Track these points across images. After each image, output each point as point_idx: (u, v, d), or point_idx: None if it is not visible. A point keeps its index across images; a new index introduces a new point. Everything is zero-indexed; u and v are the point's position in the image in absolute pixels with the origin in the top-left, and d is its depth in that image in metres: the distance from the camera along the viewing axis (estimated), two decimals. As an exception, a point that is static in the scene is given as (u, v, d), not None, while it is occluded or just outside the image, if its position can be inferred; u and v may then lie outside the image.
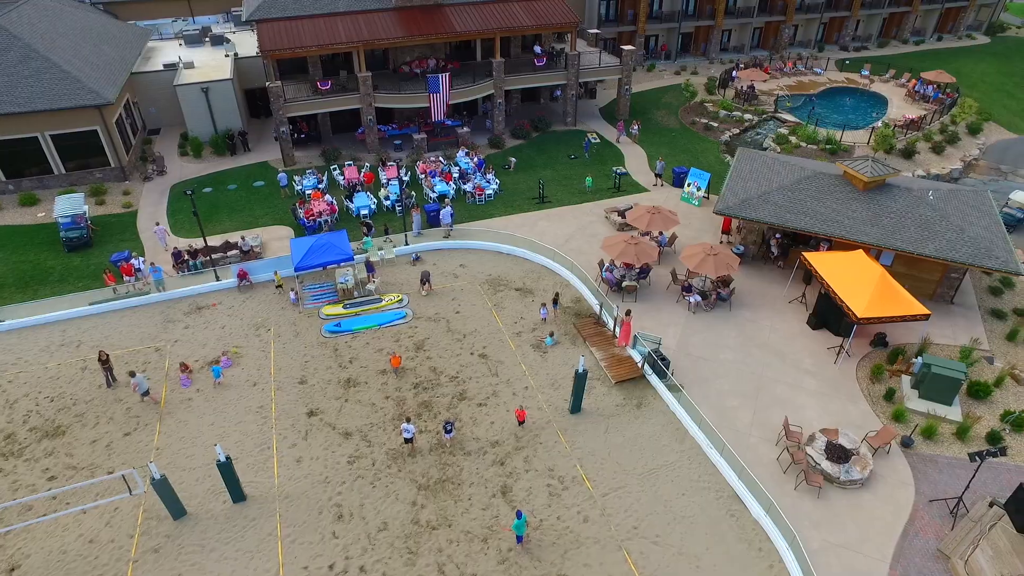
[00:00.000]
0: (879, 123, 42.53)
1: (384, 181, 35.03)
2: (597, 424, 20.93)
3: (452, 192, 34.19)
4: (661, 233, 29.68)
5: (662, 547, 17.23)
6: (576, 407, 21.16)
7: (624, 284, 26.25)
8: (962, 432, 20.71)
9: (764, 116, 45.12)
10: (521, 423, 20.00)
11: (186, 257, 28.14)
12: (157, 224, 30.58)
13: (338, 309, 26.06)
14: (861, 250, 25.29)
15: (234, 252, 28.90)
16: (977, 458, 16.98)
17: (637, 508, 18.25)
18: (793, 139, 40.90)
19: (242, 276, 27.19)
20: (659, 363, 22.10)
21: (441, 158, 37.60)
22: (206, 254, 28.40)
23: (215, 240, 30.09)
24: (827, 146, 39.53)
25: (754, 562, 16.90)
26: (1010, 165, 40.84)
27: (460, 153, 38.16)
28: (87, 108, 33.01)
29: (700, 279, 26.97)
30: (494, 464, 19.61)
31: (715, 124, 44.09)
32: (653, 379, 22.40)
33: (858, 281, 23.49)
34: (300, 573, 16.66)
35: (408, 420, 19.39)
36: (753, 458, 19.75)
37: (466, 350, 24.08)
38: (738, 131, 43.76)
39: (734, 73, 50.06)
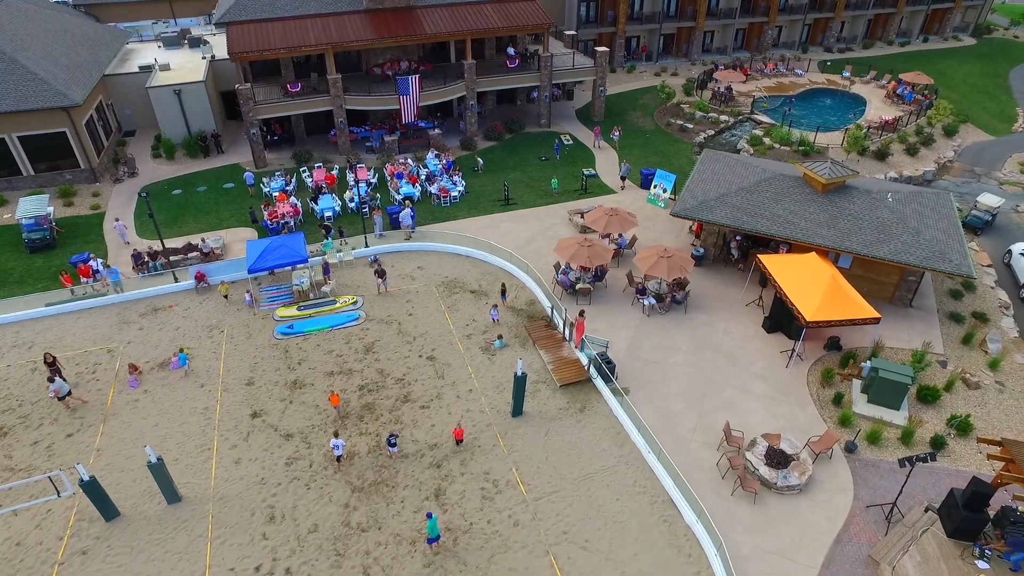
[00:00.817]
0: (853, 125, 42.33)
1: (352, 183, 35.09)
2: (538, 428, 20.89)
3: (417, 194, 34.21)
4: (621, 235, 29.61)
5: (590, 552, 17.18)
6: (517, 410, 21.13)
7: (578, 287, 26.21)
8: (907, 437, 20.60)
9: (740, 118, 44.99)
10: (459, 442, 19.83)
11: (146, 259, 28.24)
12: (117, 220, 30.78)
13: (292, 311, 26.10)
14: (814, 252, 25.22)
15: (195, 254, 28.98)
16: (907, 463, 16.88)
17: (569, 513, 18.19)
18: (767, 140, 40.78)
19: (200, 278, 27.25)
20: (603, 367, 22.03)
21: (410, 160, 37.63)
22: (166, 256, 28.50)
23: (177, 242, 30.20)
24: (800, 148, 39.41)
25: (682, 568, 16.83)
26: (984, 167, 40.60)
27: (430, 155, 38.19)
28: (54, 110, 33.14)
29: (656, 282, 26.91)
30: (430, 467, 19.59)
31: (690, 126, 43.99)
32: (599, 383, 22.33)
33: (809, 284, 23.41)
34: (225, 574, 16.67)
35: (336, 435, 19.25)
36: (693, 463, 19.69)
37: (415, 352, 24.08)
38: (713, 133, 43.64)
39: (714, 75, 49.87)
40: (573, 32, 47.17)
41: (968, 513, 16.73)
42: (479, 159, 37.94)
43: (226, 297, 26.49)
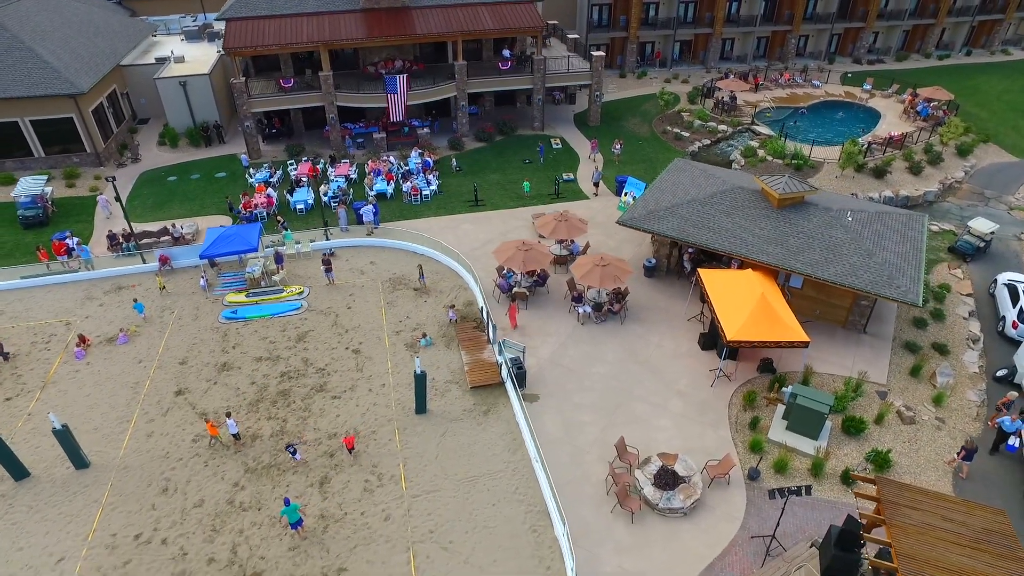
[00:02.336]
0: (848, 140, 40.40)
1: (332, 177, 36.15)
2: (437, 427, 21.14)
3: (390, 191, 34.92)
4: (573, 241, 29.43)
5: (450, 554, 17.33)
6: (420, 408, 21.43)
7: (515, 290, 26.25)
8: (816, 468, 19.77)
9: (739, 128, 43.75)
10: (350, 451, 20.04)
11: (120, 240, 29.98)
12: (101, 194, 32.89)
13: (241, 297, 27.21)
14: (751, 270, 24.46)
15: (166, 238, 30.56)
16: (777, 495, 16.25)
17: (442, 513, 18.38)
18: (761, 152, 39.54)
19: (164, 260, 28.74)
20: (512, 372, 22.03)
21: (392, 158, 38.41)
22: (140, 238, 30.19)
23: (155, 226, 31.91)
24: (793, 161, 38.05)
25: (538, 577, 16.77)
26: (996, 191, 38.08)
27: (414, 153, 38.87)
28: (61, 97, 35.55)
29: (596, 290, 26.65)
30: (323, 455, 20.16)
31: (686, 134, 43.10)
32: (509, 387, 22.36)
33: (740, 301, 22.76)
34: (107, 539, 17.70)
35: (228, 415, 19.89)
36: (583, 476, 19.50)
37: (343, 344, 24.72)
38: (709, 142, 42.63)
39: (716, 84, 48.59)
40: (576, 36, 46.90)
41: (839, 552, 15.95)
42: (453, 160, 38.35)
43: (163, 289, 27.59)
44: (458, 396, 22.37)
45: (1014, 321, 26.46)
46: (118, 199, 28.07)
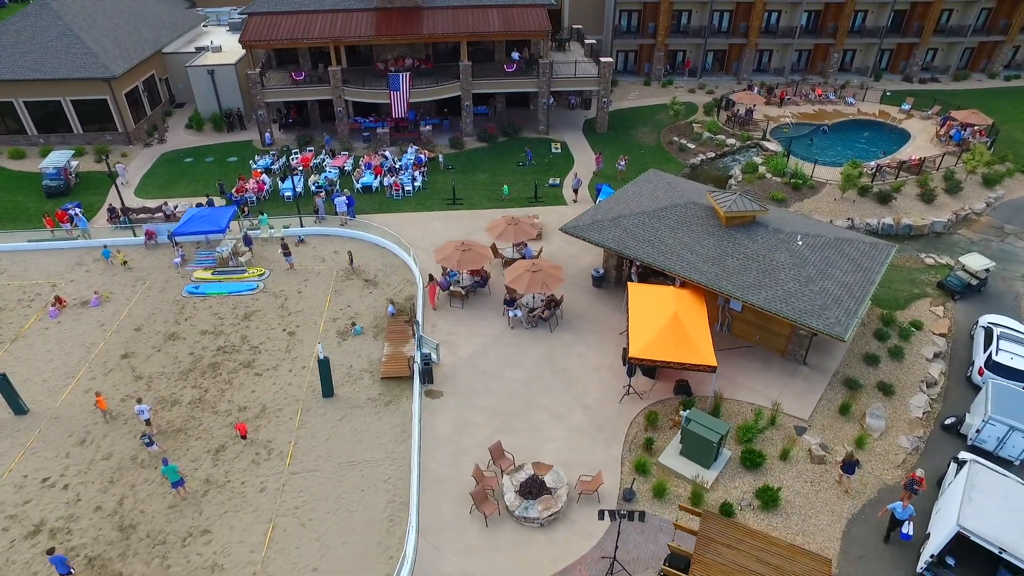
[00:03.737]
0: (880, 160, 38.07)
1: (327, 168, 37.91)
2: (338, 411, 22.08)
3: (376, 185, 36.22)
4: (526, 245, 29.61)
5: (307, 530, 18.21)
6: (327, 391, 22.44)
7: (451, 289, 26.81)
8: (696, 498, 19.21)
9: (748, 143, 42.20)
10: (243, 437, 20.98)
11: (119, 213, 32.80)
12: (118, 163, 36.18)
13: (207, 274, 29.20)
14: (681, 288, 23.96)
15: (159, 215, 33.14)
16: (608, 516, 16.01)
17: (312, 492, 19.30)
18: (762, 169, 38.08)
19: (150, 235, 31.24)
20: (420, 367, 22.62)
21: (388, 153, 39.72)
22: (138, 213, 32.94)
23: (154, 203, 34.66)
24: (792, 180, 36.44)
25: (376, 567, 17.29)
26: (1018, 226, 34.93)
27: (411, 150, 40.04)
28: (96, 80, 39.12)
29: (531, 296, 26.79)
30: (228, 426, 21.53)
31: (692, 146, 42.06)
32: (416, 381, 22.96)
33: (654, 318, 22.38)
34: (18, 479, 19.76)
35: (140, 401, 21.08)
36: (456, 475, 19.83)
37: (281, 326, 26.13)
38: (714, 156, 41.44)
39: (730, 97, 46.88)
40: (593, 41, 46.61)
41: (669, 578, 15.63)
42: (439, 157, 39.26)
43: (124, 264, 29.73)
44: (368, 385, 23.22)
45: (980, 367, 24.49)
46: (110, 175, 30.76)
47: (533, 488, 18.82)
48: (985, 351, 24.75)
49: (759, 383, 23.44)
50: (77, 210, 32.36)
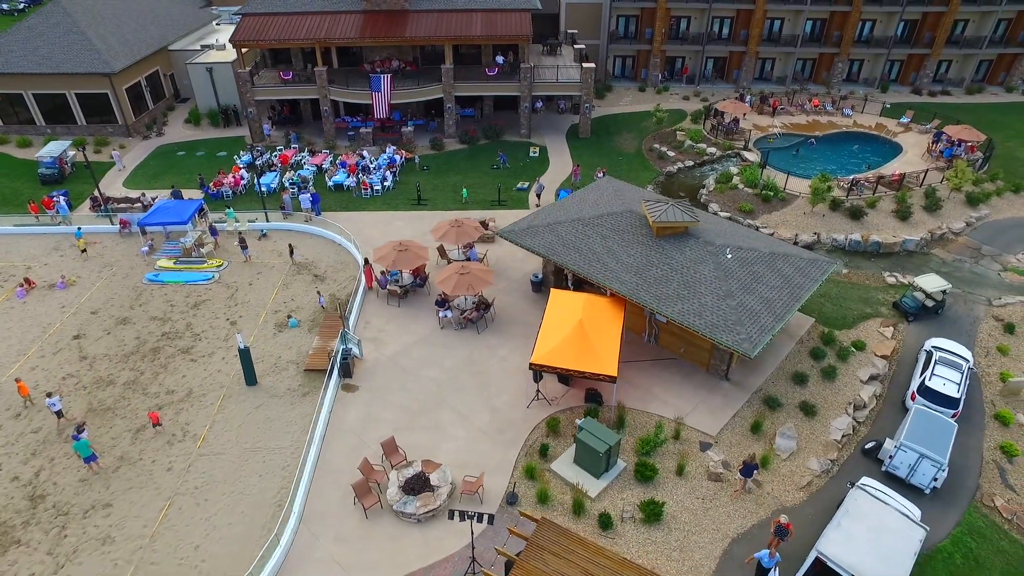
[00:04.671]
0: (860, 174, 37.07)
1: (305, 166, 39.17)
2: (257, 399, 23.04)
3: (347, 183, 37.24)
4: (472, 247, 30.09)
5: (200, 509, 19.17)
6: (250, 380, 23.43)
7: (388, 287, 27.52)
8: (577, 506, 19.37)
9: (729, 152, 41.66)
10: (155, 425, 21.85)
11: (100, 202, 34.67)
12: (114, 151, 39.04)
13: (170, 263, 30.66)
14: (594, 296, 24.13)
15: (138, 204, 34.88)
16: (458, 516, 16.31)
17: (214, 474, 20.26)
18: (736, 179, 37.60)
19: (124, 224, 32.94)
20: (338, 361, 23.39)
21: (365, 152, 40.74)
22: (118, 202, 34.75)
23: (136, 193, 36.47)
24: (763, 192, 35.90)
25: (253, 549, 18.03)
26: (997, 248, 33.54)
27: (389, 150, 40.97)
28: (96, 75, 41.33)
29: (463, 298, 27.26)
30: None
31: (672, 154, 41.80)
32: (334, 374, 23.72)
33: (562, 326, 22.61)
34: (-47, 446, 21.34)
35: (50, 395, 21.95)
36: (350, 467, 20.42)
37: (225, 316, 27.30)
38: (692, 164, 41.09)
39: (715, 106, 46.20)
40: (582, 46, 46.67)
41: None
42: (415, 158, 40.07)
43: (83, 252, 31.22)
44: (291, 376, 24.13)
45: (913, 392, 23.87)
46: (87, 165, 32.52)
47: (416, 485, 19.32)
48: (921, 376, 24.13)
49: (675, 396, 23.38)
50: (62, 198, 34.35)
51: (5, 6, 72.74)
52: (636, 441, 21.36)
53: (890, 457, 21.21)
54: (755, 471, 19.85)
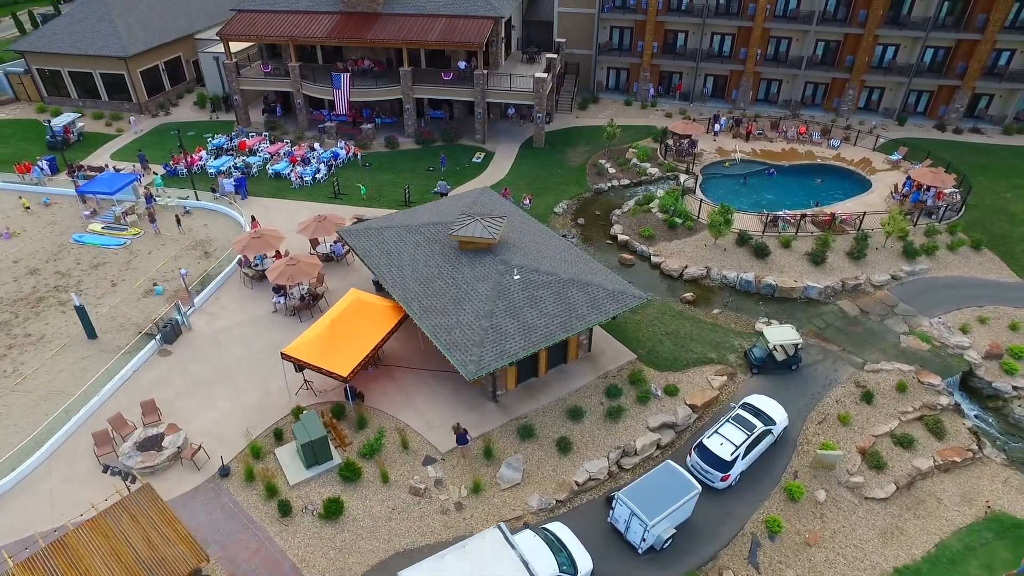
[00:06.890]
0: (808, 210, 34.22)
1: (259, 153, 42.67)
2: (87, 352, 26.22)
3: (285, 172, 40.13)
4: (336, 243, 31.68)
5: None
6: (90, 334, 26.69)
7: (244, 270, 29.83)
8: (270, 489, 20.58)
9: (669, 174, 39.95)
10: None
11: (75, 169, 40.04)
12: (133, 117, 45.97)
13: (98, 227, 35.01)
14: (362, 298, 25.28)
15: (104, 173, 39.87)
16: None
17: (10, 406, 23.56)
18: (654, 203, 36.22)
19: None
20: (160, 328, 26.11)
21: (316, 145, 43.47)
22: (85, 170, 39.93)
23: (114, 164, 41.63)
24: (670, 218, 34.40)
25: None
26: (914, 308, 29.81)
27: (339, 144, 43.46)
28: (113, 58, 47.39)
29: (300, 287, 28.91)
30: (9, 347, 26.52)
31: (612, 171, 40.84)
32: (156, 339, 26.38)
33: (323, 322, 23.88)
34: None
35: None
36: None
37: (109, 279, 30.90)
38: (628, 182, 39.95)
39: (669, 128, 43.84)
40: (555, 55, 46.45)
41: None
42: (359, 155, 42.12)
43: (27, 208, 36.13)
44: (128, 336, 27.06)
45: (692, 448, 22.54)
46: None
47: (148, 443, 21.41)
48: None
49: (433, 408, 23.68)
50: (43, 163, 40.04)
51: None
52: (360, 443, 22.06)
53: (611, 509, 20.38)
54: (467, 437, 21.56)
